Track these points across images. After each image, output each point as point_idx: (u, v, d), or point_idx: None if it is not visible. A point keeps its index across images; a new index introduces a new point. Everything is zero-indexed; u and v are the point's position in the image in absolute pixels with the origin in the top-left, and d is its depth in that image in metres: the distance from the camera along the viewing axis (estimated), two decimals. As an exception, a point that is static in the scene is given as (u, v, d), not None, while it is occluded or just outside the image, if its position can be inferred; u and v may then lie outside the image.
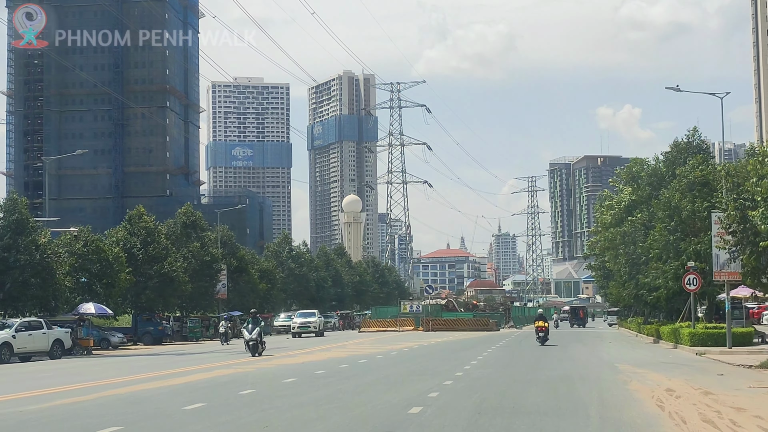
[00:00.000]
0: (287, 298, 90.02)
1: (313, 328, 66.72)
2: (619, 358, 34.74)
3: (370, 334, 69.82)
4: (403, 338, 57.25)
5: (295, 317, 70.24)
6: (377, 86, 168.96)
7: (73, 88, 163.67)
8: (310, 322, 67.20)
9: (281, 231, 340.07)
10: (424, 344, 47.85)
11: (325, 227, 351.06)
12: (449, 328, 72.19)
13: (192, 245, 67.44)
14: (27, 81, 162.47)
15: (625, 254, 51.76)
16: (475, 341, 52.80)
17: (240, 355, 38.32)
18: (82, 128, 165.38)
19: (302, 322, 67.63)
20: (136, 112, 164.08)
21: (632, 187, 55.18)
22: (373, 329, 73.76)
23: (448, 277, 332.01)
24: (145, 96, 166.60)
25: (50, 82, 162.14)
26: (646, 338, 55.93)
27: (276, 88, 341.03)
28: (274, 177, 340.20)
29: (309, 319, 67.89)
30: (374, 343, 48.74)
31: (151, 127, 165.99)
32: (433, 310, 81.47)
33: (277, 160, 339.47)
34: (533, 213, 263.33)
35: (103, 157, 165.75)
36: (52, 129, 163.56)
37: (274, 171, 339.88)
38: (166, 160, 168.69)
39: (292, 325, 68.20)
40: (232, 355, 39.53)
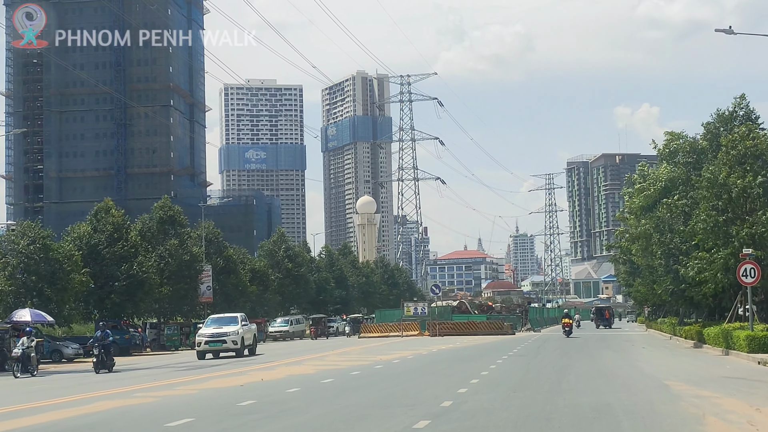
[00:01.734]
0: (285, 302, 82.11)
1: (231, 343, 41.13)
2: (665, 370, 26.72)
3: (369, 340, 61.97)
4: (402, 345, 49.26)
5: (204, 325, 44.00)
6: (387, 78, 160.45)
7: (74, 88, 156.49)
8: (226, 334, 41.18)
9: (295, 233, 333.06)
10: (422, 353, 39.85)
11: (340, 229, 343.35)
12: (459, 332, 64.14)
13: (169, 243, 59.67)
14: (26, 81, 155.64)
15: (660, 244, 43.45)
16: (485, 348, 44.77)
17: (187, 371, 30.49)
18: (84, 129, 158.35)
19: (213, 334, 41.28)
20: (139, 111, 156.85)
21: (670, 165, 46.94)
22: (374, 335, 65.79)
23: (465, 278, 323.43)
24: (148, 95, 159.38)
25: (50, 82, 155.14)
26: (684, 341, 47.81)
27: (289, 89, 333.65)
28: (288, 179, 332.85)
29: (225, 329, 41.62)
30: (363, 353, 40.80)
31: (155, 126, 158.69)
32: (442, 312, 73.35)
33: (291, 162, 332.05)
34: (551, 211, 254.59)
35: (105, 158, 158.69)
36: (53, 130, 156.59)
37: (288, 173, 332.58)
38: (170, 161, 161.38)
39: (198, 340, 42.22)
40: (173, 372, 31.71)
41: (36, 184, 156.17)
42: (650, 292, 67.87)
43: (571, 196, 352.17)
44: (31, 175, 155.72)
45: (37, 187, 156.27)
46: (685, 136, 48.02)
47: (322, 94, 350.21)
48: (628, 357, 35.52)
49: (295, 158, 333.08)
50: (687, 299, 43.54)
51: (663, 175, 47.66)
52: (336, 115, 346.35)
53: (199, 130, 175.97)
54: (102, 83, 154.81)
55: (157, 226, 60.72)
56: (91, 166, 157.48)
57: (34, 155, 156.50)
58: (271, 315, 78.26)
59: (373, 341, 58.91)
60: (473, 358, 35.71)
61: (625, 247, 71.47)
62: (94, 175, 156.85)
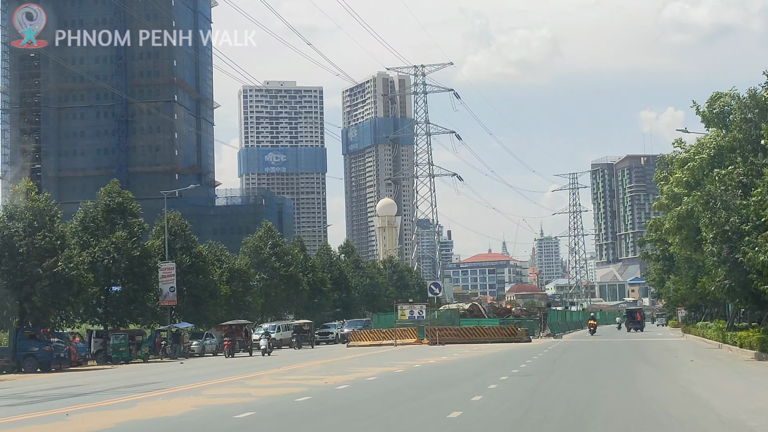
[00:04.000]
0: (274, 305, 71.47)
1: None
2: (747, 405, 16.24)
3: (355, 350, 51.42)
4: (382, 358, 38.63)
5: None
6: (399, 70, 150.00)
7: (73, 83, 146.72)
8: None
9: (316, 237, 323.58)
10: (396, 370, 29.27)
11: (362, 233, 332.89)
12: (463, 339, 53.46)
13: (116, 235, 49.26)
14: (23, 75, 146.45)
15: (712, 225, 32.48)
16: (485, 361, 34.19)
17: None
18: (83, 126, 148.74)
19: None
20: (141, 107, 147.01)
21: (720, 129, 36.00)
22: (364, 343, 55.11)
23: (488, 282, 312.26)
24: (150, 90, 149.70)
25: (48, 77, 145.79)
26: (739, 351, 36.98)
27: (309, 91, 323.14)
28: (308, 183, 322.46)
29: None
30: (315, 372, 30.11)
31: (158, 123, 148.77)
32: (449, 316, 62.60)
33: (312, 165, 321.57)
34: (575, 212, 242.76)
35: (106, 156, 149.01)
36: (51, 127, 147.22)
37: (308, 176, 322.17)
38: (175, 159, 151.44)
39: None
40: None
41: (34, 184, 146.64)
42: (689, 291, 56.88)
43: (596, 198, 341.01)
44: (28, 174, 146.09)
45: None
46: (736, 95, 37.05)
47: (342, 96, 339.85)
48: (676, 377, 24.82)
49: (315, 161, 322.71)
50: (752, 295, 32.46)
51: (711, 141, 36.64)
52: (357, 117, 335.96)
53: (207, 128, 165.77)
54: (102, 78, 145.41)
55: (102, 216, 50.27)
56: (92, 164, 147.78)
57: (32, 154, 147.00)
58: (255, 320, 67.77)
59: (358, 351, 48.36)
60: (460, 380, 25.08)
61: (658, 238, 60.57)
62: (94, 174, 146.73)
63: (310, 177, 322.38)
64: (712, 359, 34.44)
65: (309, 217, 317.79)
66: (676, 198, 39.85)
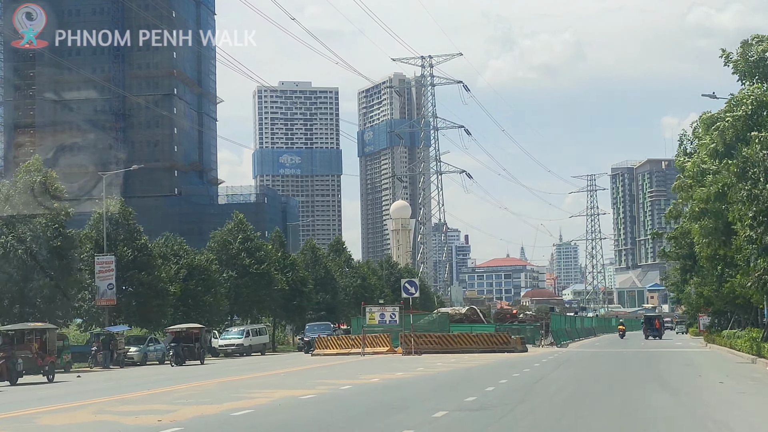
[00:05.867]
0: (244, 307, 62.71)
1: None
2: None
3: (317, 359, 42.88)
4: (328, 374, 29.93)
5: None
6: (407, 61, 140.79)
7: (69, 75, 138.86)
8: None
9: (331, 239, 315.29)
10: (305, 397, 20.50)
11: (377, 236, 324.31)
12: (445, 347, 44.72)
13: (35, 221, 40.82)
14: (17, 68, 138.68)
15: (753, 201, 23.57)
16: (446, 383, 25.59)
17: None
18: (80, 120, 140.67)
19: None
20: (140, 101, 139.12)
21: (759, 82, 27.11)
22: (330, 351, 46.43)
23: (504, 287, 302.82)
24: (149, 83, 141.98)
25: (43, 69, 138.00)
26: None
27: (324, 92, 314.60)
28: (323, 185, 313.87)
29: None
30: (200, 395, 21.36)
31: (156, 117, 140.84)
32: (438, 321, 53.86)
33: (327, 167, 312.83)
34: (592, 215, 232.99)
35: (103, 151, 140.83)
36: (47, 121, 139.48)
37: (323, 178, 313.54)
38: (174, 155, 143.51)
39: None
40: None
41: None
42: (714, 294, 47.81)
43: (616, 202, 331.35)
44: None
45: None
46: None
47: (358, 97, 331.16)
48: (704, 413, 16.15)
49: (330, 163, 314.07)
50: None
51: (748, 97, 27.68)
52: (372, 119, 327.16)
53: (210, 124, 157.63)
54: (99, 70, 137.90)
55: (20, 198, 41.84)
56: (88, 160, 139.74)
57: (26, 148, 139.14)
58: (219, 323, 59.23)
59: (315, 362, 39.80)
60: (374, 415, 16.34)
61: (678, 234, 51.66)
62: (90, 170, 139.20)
63: (325, 179, 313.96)
64: (748, 379, 25.61)
65: (324, 220, 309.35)
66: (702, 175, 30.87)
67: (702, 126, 28.49)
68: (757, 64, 27.46)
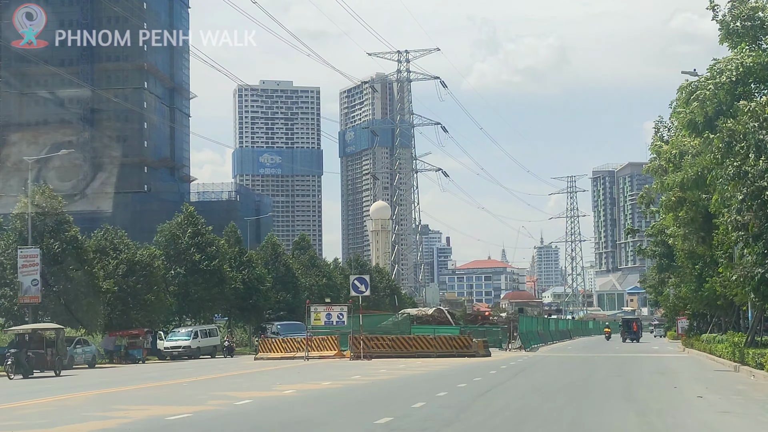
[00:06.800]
0: (194, 306, 58.23)
1: None
2: None
3: (259, 363, 38.63)
4: (246, 382, 25.65)
5: None
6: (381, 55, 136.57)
7: (36, 66, 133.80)
8: None
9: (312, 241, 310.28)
10: (171, 418, 16.08)
11: (357, 237, 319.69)
12: (399, 352, 40.44)
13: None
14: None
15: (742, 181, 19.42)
16: (371, 395, 21.44)
17: None
18: (47, 114, 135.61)
19: None
20: (108, 94, 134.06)
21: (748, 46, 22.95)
22: (274, 355, 42.12)
23: (484, 289, 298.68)
24: (119, 76, 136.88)
25: (10, 62, 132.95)
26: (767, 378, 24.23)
27: (306, 92, 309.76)
28: (304, 185, 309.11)
29: None
30: (60, 412, 16.99)
31: (125, 112, 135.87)
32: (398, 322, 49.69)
33: (308, 167, 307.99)
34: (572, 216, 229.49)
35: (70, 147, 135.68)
36: (12, 114, 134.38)
37: (304, 179, 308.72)
38: (144, 150, 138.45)
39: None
40: None
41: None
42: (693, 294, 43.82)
43: (597, 206, 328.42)
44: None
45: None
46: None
47: (340, 97, 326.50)
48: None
49: (311, 163, 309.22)
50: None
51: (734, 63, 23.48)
52: (354, 119, 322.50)
53: (182, 119, 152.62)
54: (68, 63, 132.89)
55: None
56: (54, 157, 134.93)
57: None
58: (161, 324, 54.76)
59: (254, 366, 35.56)
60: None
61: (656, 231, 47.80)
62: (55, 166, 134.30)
63: (305, 179, 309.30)
64: (731, 393, 21.48)
65: (304, 221, 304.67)
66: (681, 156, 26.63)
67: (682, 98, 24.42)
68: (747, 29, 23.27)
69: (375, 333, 44.63)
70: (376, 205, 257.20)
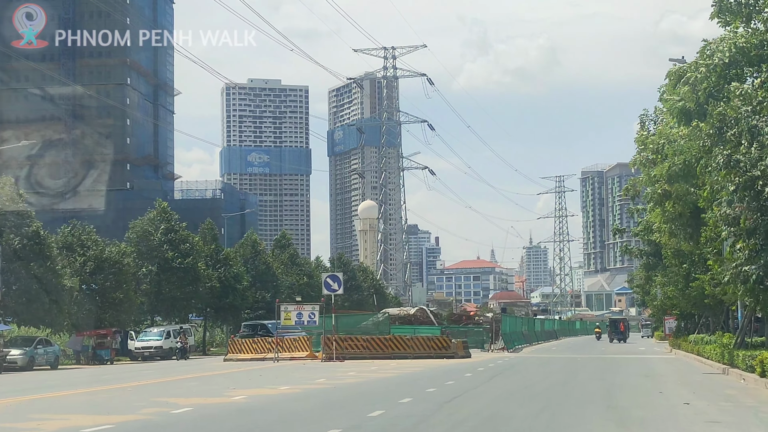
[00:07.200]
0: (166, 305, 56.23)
1: None
2: None
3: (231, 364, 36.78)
4: (199, 387, 23.84)
5: None
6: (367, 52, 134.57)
7: (17, 62, 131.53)
8: None
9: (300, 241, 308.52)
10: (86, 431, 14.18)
11: (346, 237, 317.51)
12: (374, 353, 38.64)
13: None
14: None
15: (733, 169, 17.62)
16: (322, 404, 19.45)
17: None
18: (28, 110, 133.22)
19: None
20: (90, 91, 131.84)
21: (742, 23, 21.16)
22: (244, 356, 40.24)
23: (473, 289, 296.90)
24: (101, 71, 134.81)
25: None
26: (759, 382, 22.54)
27: (294, 90, 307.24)
28: (293, 185, 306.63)
29: None
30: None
31: (107, 108, 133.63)
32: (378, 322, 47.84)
33: (296, 166, 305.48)
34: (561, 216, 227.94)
35: (51, 143, 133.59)
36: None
37: (292, 178, 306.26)
38: (126, 147, 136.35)
39: None
40: None
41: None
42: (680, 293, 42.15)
43: (585, 206, 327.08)
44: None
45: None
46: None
47: (328, 95, 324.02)
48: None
49: (300, 162, 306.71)
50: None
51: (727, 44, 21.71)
52: (343, 118, 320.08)
53: (166, 116, 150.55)
54: (50, 58, 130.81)
55: None
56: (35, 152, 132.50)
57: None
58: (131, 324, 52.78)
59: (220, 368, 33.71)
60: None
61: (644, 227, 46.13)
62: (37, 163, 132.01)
63: (294, 179, 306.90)
64: (721, 399, 19.73)
65: (292, 220, 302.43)
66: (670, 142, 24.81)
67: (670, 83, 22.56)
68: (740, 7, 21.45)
69: (354, 333, 42.83)
70: (365, 205, 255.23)
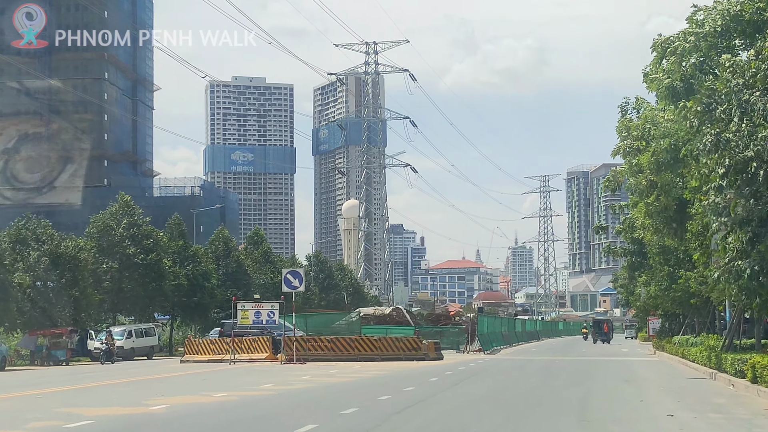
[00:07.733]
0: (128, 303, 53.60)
1: None
2: None
3: (184, 366, 34.37)
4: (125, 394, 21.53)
5: None
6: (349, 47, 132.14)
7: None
8: None
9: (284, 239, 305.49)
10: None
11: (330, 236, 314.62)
12: (339, 355, 36.25)
13: None
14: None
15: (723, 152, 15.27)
16: (236, 423, 16.97)
17: None
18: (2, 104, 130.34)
19: None
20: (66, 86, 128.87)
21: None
22: (201, 357, 37.79)
23: (457, 289, 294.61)
24: (78, 66, 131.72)
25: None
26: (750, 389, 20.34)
27: (279, 88, 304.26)
28: (277, 183, 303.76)
29: None
30: None
31: (84, 103, 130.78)
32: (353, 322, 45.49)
33: (280, 165, 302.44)
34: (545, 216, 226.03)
35: (27, 138, 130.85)
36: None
37: (276, 177, 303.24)
38: (104, 143, 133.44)
39: None
40: None
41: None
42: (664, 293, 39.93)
43: (571, 206, 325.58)
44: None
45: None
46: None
47: (313, 93, 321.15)
48: None
49: (284, 161, 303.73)
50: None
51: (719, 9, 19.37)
52: (328, 117, 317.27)
53: (145, 112, 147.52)
54: (25, 52, 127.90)
55: None
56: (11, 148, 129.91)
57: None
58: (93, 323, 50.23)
59: (171, 370, 31.30)
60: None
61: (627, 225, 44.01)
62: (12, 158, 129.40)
63: (278, 177, 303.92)
64: (708, 408, 17.43)
65: (276, 219, 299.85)
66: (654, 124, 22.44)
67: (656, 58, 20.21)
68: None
69: (325, 333, 40.53)
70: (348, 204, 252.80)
